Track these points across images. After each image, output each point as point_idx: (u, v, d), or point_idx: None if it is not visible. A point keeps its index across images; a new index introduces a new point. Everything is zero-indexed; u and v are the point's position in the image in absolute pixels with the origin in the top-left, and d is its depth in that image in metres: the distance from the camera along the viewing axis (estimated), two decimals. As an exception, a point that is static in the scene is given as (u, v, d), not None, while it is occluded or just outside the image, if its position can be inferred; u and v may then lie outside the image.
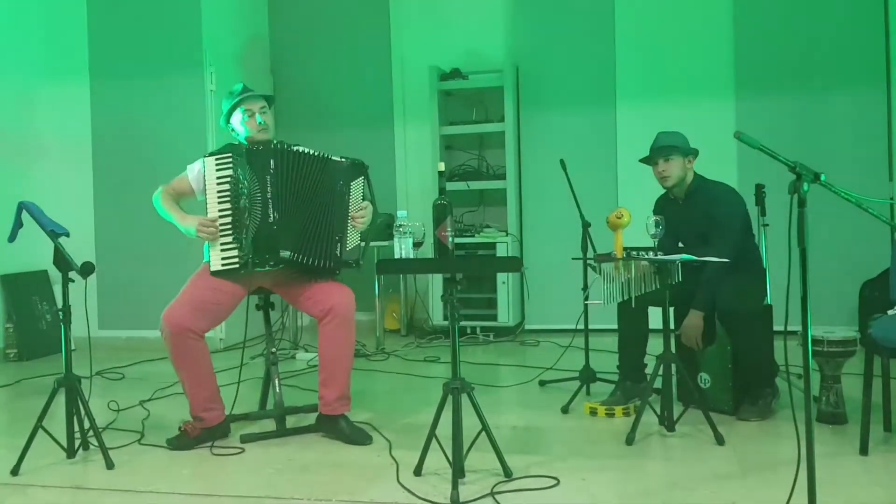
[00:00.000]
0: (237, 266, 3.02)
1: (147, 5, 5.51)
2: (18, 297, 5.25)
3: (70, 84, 5.60)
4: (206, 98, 5.37)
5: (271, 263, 3.05)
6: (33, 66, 5.52)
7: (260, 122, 3.15)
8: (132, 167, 5.43)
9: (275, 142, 3.19)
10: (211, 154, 3.13)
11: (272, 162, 3.06)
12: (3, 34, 5.30)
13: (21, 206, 2.92)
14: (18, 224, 2.92)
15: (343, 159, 3.17)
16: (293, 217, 3.06)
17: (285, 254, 3.03)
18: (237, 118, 3.19)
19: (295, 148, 3.13)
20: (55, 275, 2.88)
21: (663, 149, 3.38)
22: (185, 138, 5.29)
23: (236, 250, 3.02)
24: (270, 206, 3.04)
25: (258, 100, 3.19)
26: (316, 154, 3.13)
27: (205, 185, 3.09)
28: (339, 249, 3.09)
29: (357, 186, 3.17)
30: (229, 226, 3.03)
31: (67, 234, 2.90)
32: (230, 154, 3.07)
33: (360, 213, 3.14)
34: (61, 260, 2.82)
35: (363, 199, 3.18)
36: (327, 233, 3.09)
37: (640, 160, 3.49)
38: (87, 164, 5.62)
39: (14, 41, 5.39)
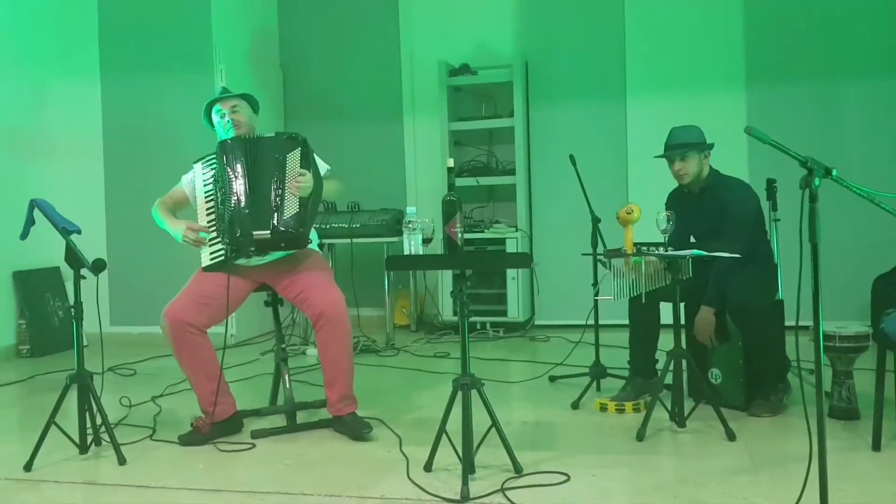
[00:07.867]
0: (223, 258, 3.05)
1: (157, 2, 5.53)
2: (31, 294, 5.28)
3: (81, 81, 5.63)
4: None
5: (252, 249, 3.03)
6: (44, 63, 5.54)
7: (230, 121, 3.25)
8: (143, 164, 5.46)
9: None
10: (199, 159, 3.21)
11: (240, 151, 3.12)
12: (14, 32, 5.32)
13: (33, 204, 2.94)
14: (30, 221, 2.94)
15: (276, 134, 3.21)
16: (258, 199, 3.06)
17: (258, 234, 3.01)
18: (216, 120, 3.30)
19: (259, 136, 3.19)
20: (67, 271, 2.90)
21: (680, 147, 3.34)
22: (195, 135, 5.24)
23: (221, 243, 3.06)
24: (239, 193, 3.07)
25: (229, 99, 3.29)
26: (262, 136, 3.18)
27: (195, 190, 3.18)
28: (275, 218, 3.04)
29: (294, 157, 3.11)
30: (214, 222, 3.09)
31: (79, 232, 2.91)
32: (214, 154, 3.16)
33: (297, 180, 3.07)
34: (73, 257, 2.84)
35: (300, 169, 3.12)
36: (267, 203, 3.07)
37: (656, 157, 3.45)
38: (99, 161, 5.66)
39: (25, 39, 5.41)
